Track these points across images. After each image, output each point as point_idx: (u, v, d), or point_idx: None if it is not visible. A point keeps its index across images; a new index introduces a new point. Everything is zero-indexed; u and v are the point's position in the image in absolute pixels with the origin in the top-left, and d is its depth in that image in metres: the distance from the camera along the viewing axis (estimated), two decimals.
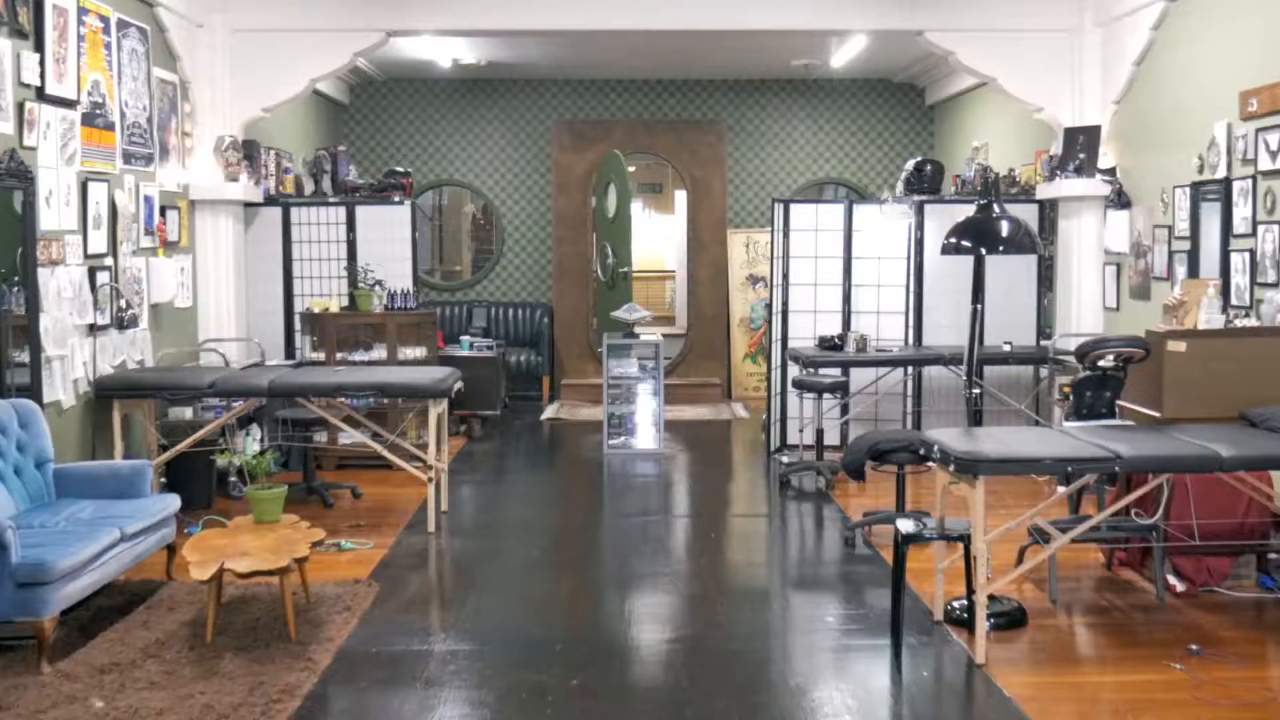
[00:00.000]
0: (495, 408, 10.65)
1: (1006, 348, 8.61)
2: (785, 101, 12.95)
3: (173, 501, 5.68)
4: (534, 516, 7.30)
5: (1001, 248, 5.17)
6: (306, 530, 5.26)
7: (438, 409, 6.75)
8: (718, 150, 12.51)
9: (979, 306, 5.52)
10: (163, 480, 7.23)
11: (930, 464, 6.49)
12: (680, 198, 17.52)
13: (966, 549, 4.88)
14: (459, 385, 7.14)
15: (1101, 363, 5.51)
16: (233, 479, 7.67)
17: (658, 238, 20.99)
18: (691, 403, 12.09)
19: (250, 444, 8.11)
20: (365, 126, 12.85)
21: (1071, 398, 5.77)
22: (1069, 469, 4.60)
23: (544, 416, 11.23)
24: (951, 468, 4.63)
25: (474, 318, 12.58)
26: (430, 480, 6.73)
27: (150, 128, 7.60)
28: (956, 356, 8.40)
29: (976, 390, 5.58)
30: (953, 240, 5.24)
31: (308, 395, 6.70)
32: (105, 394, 6.62)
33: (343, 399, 6.67)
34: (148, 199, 7.53)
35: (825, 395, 8.09)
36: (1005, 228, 5.09)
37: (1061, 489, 5.53)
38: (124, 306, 6.81)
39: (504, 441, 10.02)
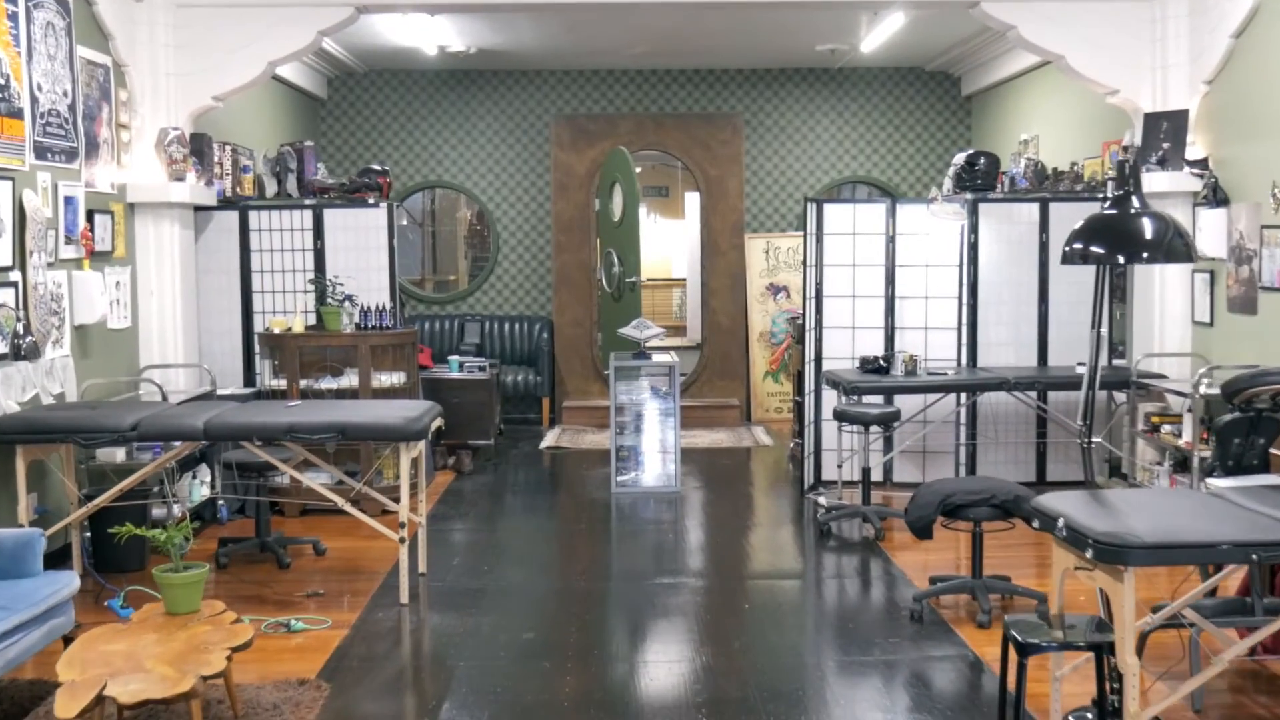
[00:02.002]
0: (489, 436, 9.44)
1: (1080, 369, 7.37)
2: (808, 93, 11.74)
3: (66, 583, 4.47)
4: (529, 580, 6.08)
5: (1146, 254, 3.94)
6: (231, 627, 4.04)
7: (411, 453, 5.54)
8: (734, 146, 11.30)
9: (1101, 331, 4.28)
10: (87, 535, 6.04)
11: (1013, 520, 5.29)
12: (692, 200, 16.37)
13: (1099, 657, 3.66)
14: (438, 422, 5.93)
15: (1258, 403, 4.30)
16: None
17: (665, 243, 19.87)
18: (708, 426, 10.88)
19: (197, 489, 6.91)
20: (345, 123, 11.65)
21: (1214, 445, 4.56)
22: (1253, 555, 3.38)
23: (544, 445, 10.02)
24: (1089, 553, 3.41)
25: (466, 333, 11.38)
26: (402, 540, 5.52)
27: (73, 117, 6.41)
28: (1024, 380, 7.18)
29: (1084, 430, 4.33)
30: (1078, 246, 4.00)
31: (251, 438, 5.49)
32: (4, 438, 5.41)
33: (295, 441, 5.47)
34: (70, 201, 6.34)
35: (871, 427, 6.88)
36: (1149, 228, 3.86)
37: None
38: (20, 332, 5.58)
39: (498, 476, 8.80)
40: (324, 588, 5.85)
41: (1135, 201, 3.89)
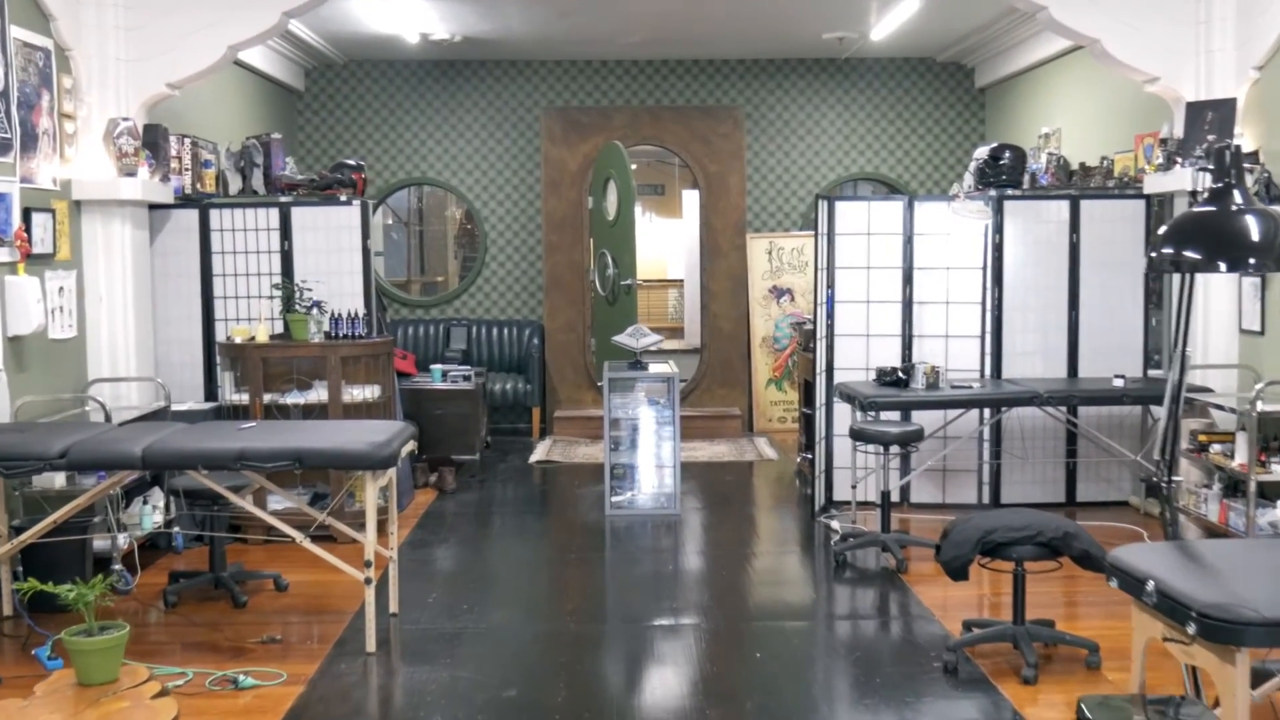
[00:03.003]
0: (474, 451, 8.80)
1: (1119, 383, 6.75)
2: (813, 84, 11.10)
3: None
4: (513, 622, 5.43)
5: (1253, 259, 3.26)
6: (151, 704, 3.40)
7: (379, 482, 4.90)
8: (735, 141, 10.66)
9: (1185, 349, 3.64)
10: (17, 570, 5.39)
11: (1060, 559, 4.66)
12: (690, 198, 15.73)
13: None
14: (410, 446, 5.30)
15: None
16: (117, 567, 5.82)
17: (660, 244, 19.22)
18: (708, 438, 10.24)
19: (149, 516, 6.26)
20: (324, 116, 11.00)
21: None
22: None
23: (533, 459, 9.37)
24: (1192, 628, 2.78)
25: (452, 339, 10.74)
26: (368, 581, 4.88)
27: (5, 105, 5.76)
28: (1058, 395, 6.56)
29: (1162, 467, 3.70)
30: (1168, 251, 3.34)
31: (196, 465, 4.85)
32: None
33: (247, 469, 4.82)
34: (2, 198, 5.69)
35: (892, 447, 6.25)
36: (1255, 228, 3.19)
37: None
38: None
39: (483, 495, 8.16)
40: (283, 631, 5.20)
41: (1238, 197, 3.22)
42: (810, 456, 8.69)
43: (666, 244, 19.33)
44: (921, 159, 11.20)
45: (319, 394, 6.74)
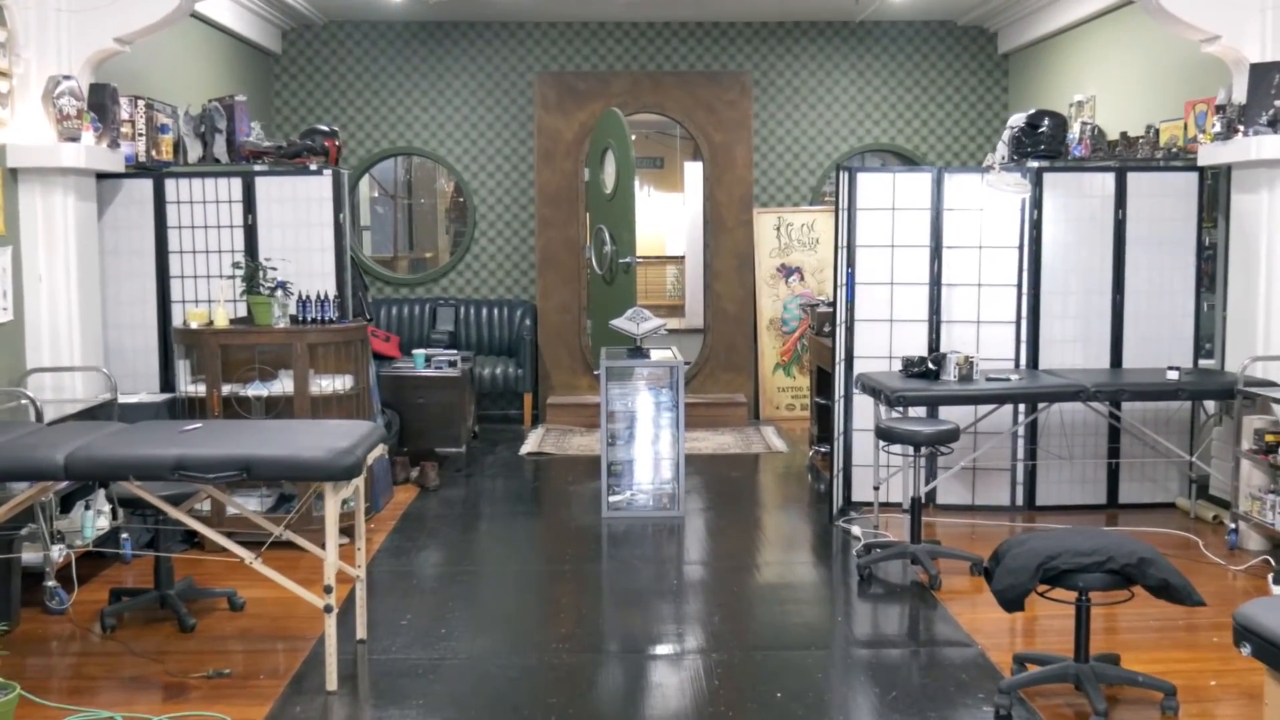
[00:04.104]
0: (459, 443, 8.15)
1: (1173, 375, 6.08)
2: (825, 49, 10.39)
3: None
4: (496, 650, 4.76)
5: None
6: None
7: (340, 494, 4.23)
8: (742, 109, 9.95)
9: None
10: None
11: (1132, 588, 4.01)
12: (693, 171, 15.03)
13: None
14: (379, 450, 4.63)
15: None
16: (51, 583, 5.15)
17: (659, 219, 18.53)
18: (711, 427, 9.58)
19: (91, 522, 5.59)
20: (302, 81, 10.28)
21: None
22: None
23: (524, 450, 8.71)
24: None
25: (438, 320, 10.06)
26: (328, 610, 4.21)
27: None
28: (1107, 389, 5.89)
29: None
30: None
31: (128, 475, 4.18)
32: None
33: (186, 480, 4.15)
34: None
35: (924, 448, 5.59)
36: None
37: None
38: None
39: (469, 493, 7.50)
40: (233, 663, 4.54)
41: None
42: (824, 450, 8.05)
43: (665, 220, 18.66)
44: (940, 129, 10.50)
45: (284, 385, 6.07)
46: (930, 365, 6.09)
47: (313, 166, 6.60)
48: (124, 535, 5.81)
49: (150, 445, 4.23)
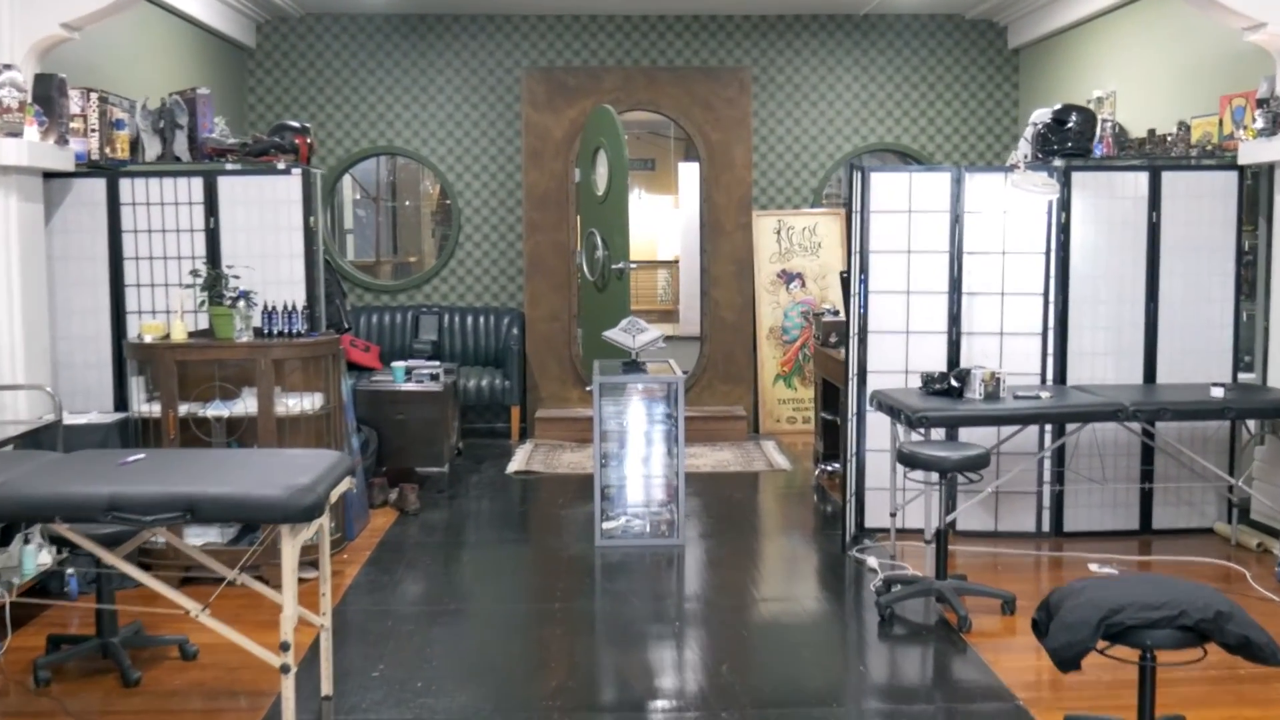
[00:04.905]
0: (441, 462, 7.63)
1: (1218, 392, 5.59)
2: (827, 43, 9.89)
3: None
4: (480, 710, 4.20)
5: None
6: None
7: (298, 537, 3.71)
8: (741, 106, 9.45)
9: None
10: None
11: (1205, 645, 3.50)
12: (686, 172, 14.54)
13: None
14: (346, 484, 4.10)
15: None
16: None
17: (651, 223, 18.04)
18: (709, 441, 9.08)
19: (32, 557, 5.05)
20: (278, 77, 9.74)
21: None
22: None
23: (512, 468, 8.18)
24: None
25: (421, 328, 9.53)
26: (285, 670, 3.69)
27: None
28: (1146, 408, 5.40)
29: None
30: None
31: (54, 517, 3.65)
32: None
33: (121, 523, 3.63)
34: None
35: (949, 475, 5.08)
36: None
37: None
38: None
39: (452, 518, 6.97)
40: None
41: None
42: (830, 468, 7.56)
43: (657, 223, 18.17)
44: (948, 128, 10.01)
45: (247, 405, 5.53)
46: (953, 382, 5.58)
47: (281, 165, 6.07)
48: (69, 571, 5.28)
49: (82, 481, 3.70)
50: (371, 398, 7.58)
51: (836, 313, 7.76)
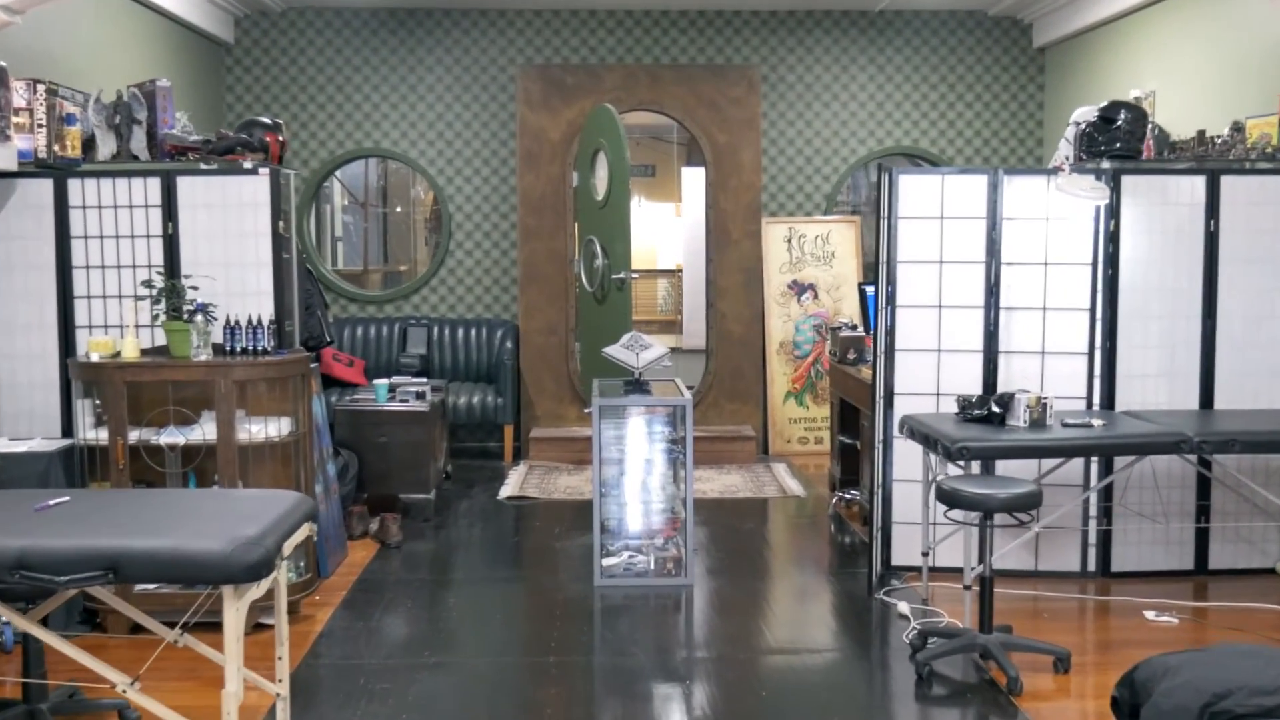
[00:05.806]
0: (428, 488, 7.04)
1: None
2: (841, 41, 9.33)
3: None
4: None
5: None
6: None
7: (243, 599, 3.12)
8: (749, 107, 8.88)
9: None
10: None
11: None
12: (690, 177, 13.97)
13: None
14: (305, 531, 3.52)
15: None
16: None
17: (651, 231, 17.48)
18: (716, 464, 8.50)
19: None
20: (258, 75, 9.18)
21: None
22: None
23: (504, 494, 7.60)
24: None
25: (409, 341, 8.96)
26: None
27: None
28: (1213, 439, 4.81)
29: None
30: None
31: None
32: None
33: (29, 584, 3.05)
34: None
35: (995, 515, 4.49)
36: None
37: None
38: None
39: (438, 551, 6.38)
40: None
41: None
42: (848, 496, 6.98)
43: (658, 231, 17.61)
44: (969, 131, 9.45)
45: (205, 431, 4.95)
46: (994, 407, 5.00)
47: (247, 164, 5.49)
48: (3, 620, 4.68)
49: None
50: (352, 418, 6.99)
51: (855, 327, 7.18)
